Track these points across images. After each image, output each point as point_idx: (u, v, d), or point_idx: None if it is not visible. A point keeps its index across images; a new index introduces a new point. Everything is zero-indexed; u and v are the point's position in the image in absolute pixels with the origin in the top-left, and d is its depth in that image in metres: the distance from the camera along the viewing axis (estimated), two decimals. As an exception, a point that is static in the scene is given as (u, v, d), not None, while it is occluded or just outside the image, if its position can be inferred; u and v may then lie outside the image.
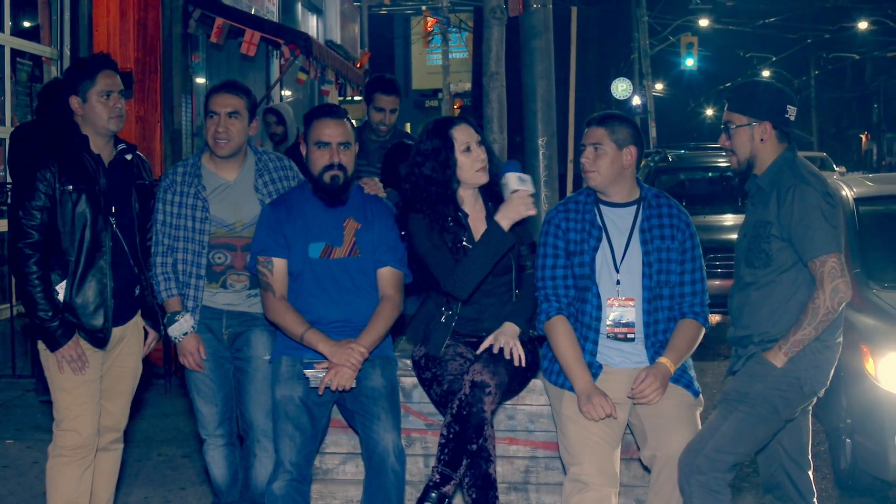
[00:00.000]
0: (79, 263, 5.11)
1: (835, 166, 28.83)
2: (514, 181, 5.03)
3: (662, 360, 4.92)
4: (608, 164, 5.02)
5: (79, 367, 5.13)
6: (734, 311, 4.98)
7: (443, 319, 5.21)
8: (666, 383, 4.90)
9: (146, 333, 5.52)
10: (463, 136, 5.16)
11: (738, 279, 4.98)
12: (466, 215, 5.23)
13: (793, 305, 4.75)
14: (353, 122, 5.42)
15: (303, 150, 5.25)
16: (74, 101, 5.17)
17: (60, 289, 5.12)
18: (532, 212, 5.01)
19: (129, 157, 5.36)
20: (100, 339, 5.19)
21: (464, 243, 5.14)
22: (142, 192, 5.39)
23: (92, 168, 5.16)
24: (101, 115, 5.16)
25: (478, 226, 5.21)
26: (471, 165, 5.16)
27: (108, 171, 5.23)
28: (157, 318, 5.50)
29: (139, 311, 5.45)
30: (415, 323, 5.36)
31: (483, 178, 5.21)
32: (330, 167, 5.14)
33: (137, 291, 5.38)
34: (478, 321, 5.21)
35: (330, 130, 5.16)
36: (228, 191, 5.42)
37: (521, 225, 5.22)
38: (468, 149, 5.15)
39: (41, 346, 5.20)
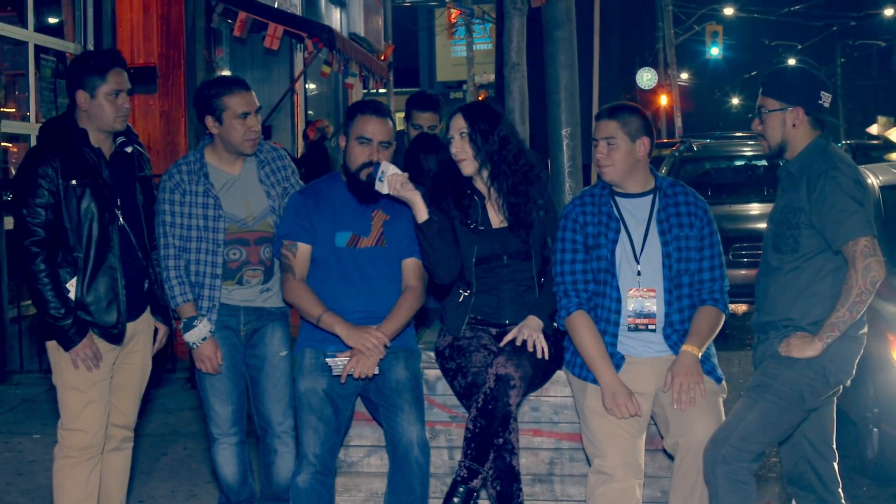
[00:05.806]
0: (88, 259, 5.04)
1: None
2: (386, 167, 5.05)
3: (686, 347, 4.87)
4: (623, 157, 4.96)
5: (94, 364, 5.07)
6: (759, 295, 4.94)
7: (460, 300, 5.22)
8: (696, 369, 4.85)
9: (155, 329, 5.45)
10: (451, 126, 5.18)
11: (765, 264, 4.94)
12: (483, 197, 5.23)
13: (815, 293, 4.72)
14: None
15: (342, 143, 5.25)
16: (81, 96, 5.05)
17: (71, 286, 5.02)
18: (406, 193, 5.02)
19: (129, 149, 5.26)
20: (115, 336, 5.13)
21: (477, 225, 5.17)
22: (144, 184, 5.32)
23: (94, 161, 5.07)
24: (108, 114, 5.06)
25: (492, 212, 5.22)
26: (454, 155, 5.20)
27: (110, 164, 5.15)
28: (167, 312, 5.43)
29: (149, 307, 5.37)
30: (440, 307, 5.40)
31: (461, 169, 5.21)
32: (368, 164, 5.14)
33: (146, 286, 5.31)
34: (497, 308, 5.20)
35: (373, 128, 5.16)
36: (236, 185, 5.37)
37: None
38: (451, 140, 5.18)
39: (51, 345, 5.10)
